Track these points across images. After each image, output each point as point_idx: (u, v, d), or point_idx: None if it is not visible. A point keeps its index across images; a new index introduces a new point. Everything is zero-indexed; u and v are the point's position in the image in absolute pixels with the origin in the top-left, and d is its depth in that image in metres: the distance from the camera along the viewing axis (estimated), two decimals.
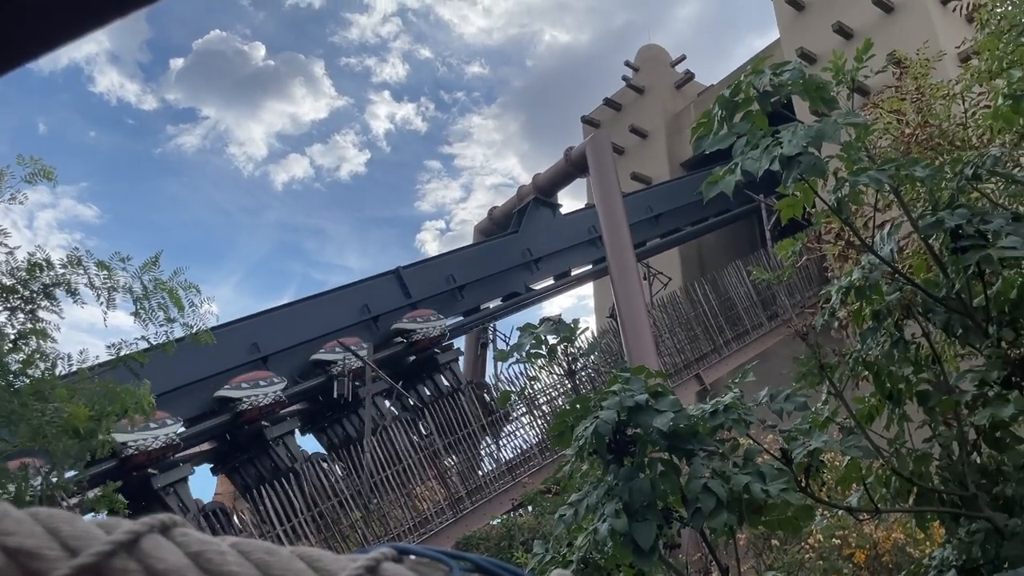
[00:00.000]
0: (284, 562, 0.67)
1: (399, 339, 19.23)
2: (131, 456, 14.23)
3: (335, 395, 17.62)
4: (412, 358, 19.72)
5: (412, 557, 0.73)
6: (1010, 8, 6.85)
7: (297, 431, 18.05)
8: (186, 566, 0.64)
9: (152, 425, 14.24)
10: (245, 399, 16.36)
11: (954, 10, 12.28)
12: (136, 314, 8.05)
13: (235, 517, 16.21)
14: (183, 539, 0.66)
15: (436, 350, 19.83)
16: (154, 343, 8.31)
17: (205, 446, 17.40)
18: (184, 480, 15.81)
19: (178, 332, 8.42)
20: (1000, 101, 4.07)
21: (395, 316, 19.54)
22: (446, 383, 19.93)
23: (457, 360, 20.81)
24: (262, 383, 16.77)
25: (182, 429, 15.62)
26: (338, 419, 18.44)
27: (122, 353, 8.16)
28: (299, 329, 18.11)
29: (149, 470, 14.71)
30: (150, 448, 14.42)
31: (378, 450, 17.10)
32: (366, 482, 16.49)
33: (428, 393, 19.86)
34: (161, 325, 8.22)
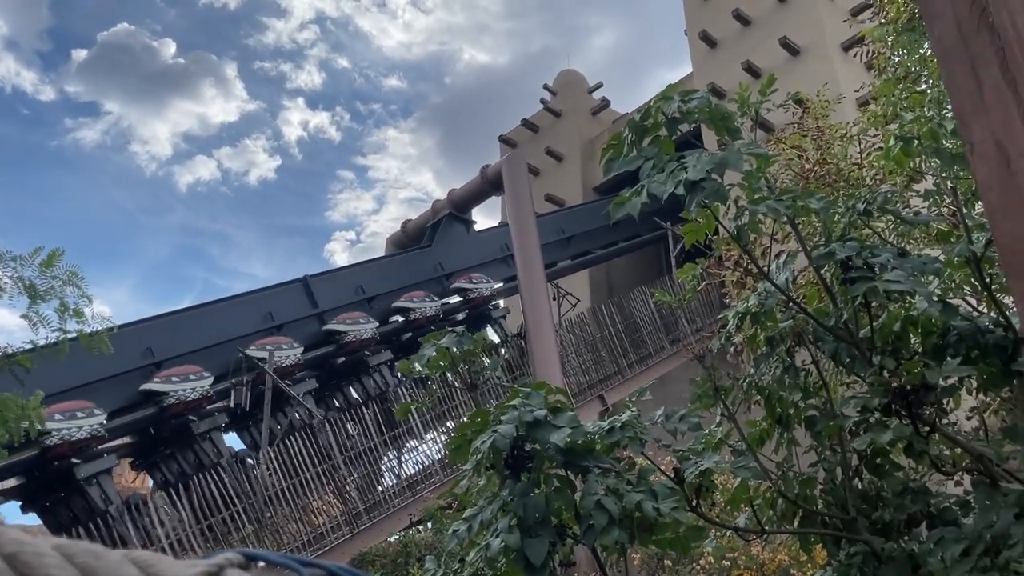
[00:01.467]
0: (113, 567, 0.61)
1: (456, 298, 22.01)
2: None
3: (231, 404, 17.04)
4: (465, 314, 22.22)
5: (261, 564, 0.69)
6: (905, 57, 7.27)
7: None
8: None
9: None
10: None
11: (855, 56, 12.96)
12: (26, 316, 7.55)
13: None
14: None
15: (489, 307, 22.64)
16: (42, 345, 7.82)
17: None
18: None
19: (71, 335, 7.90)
20: (892, 143, 4.28)
21: (300, 325, 19.11)
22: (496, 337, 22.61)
23: (505, 317, 23.21)
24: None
25: None
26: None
27: (7, 354, 7.65)
28: (198, 335, 17.45)
29: None
30: None
31: (274, 461, 16.61)
32: (260, 495, 15.99)
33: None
34: (55, 330, 7.72)
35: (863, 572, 4.06)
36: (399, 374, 19.55)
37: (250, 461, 17.05)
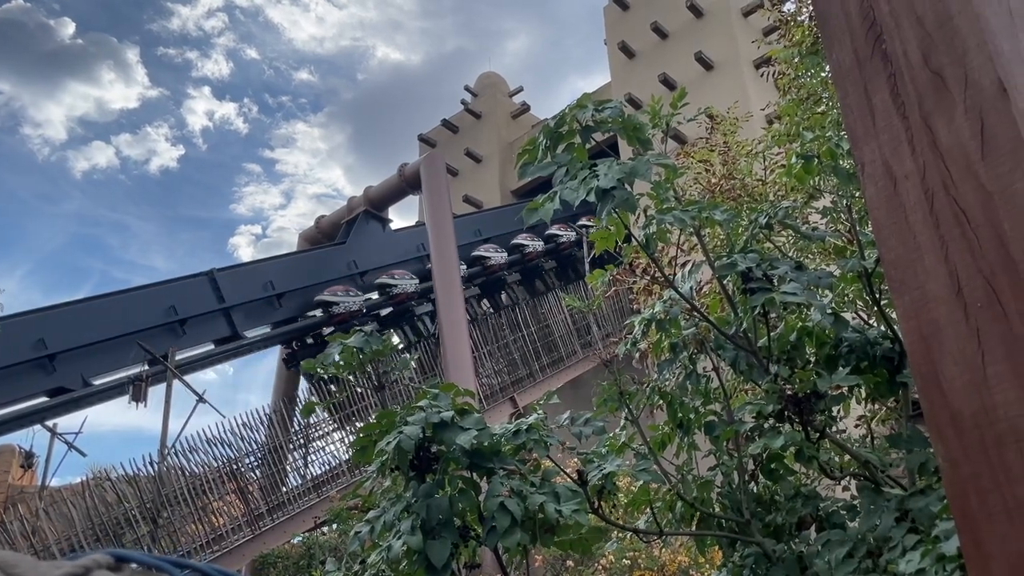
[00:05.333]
0: None
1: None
2: None
3: (129, 402, 16.40)
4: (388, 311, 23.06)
5: (133, 565, 0.67)
6: (808, 79, 7.60)
7: None
8: None
9: None
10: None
11: (762, 75, 13.44)
12: None
13: None
14: None
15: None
16: None
17: None
18: None
19: None
20: (793, 160, 4.45)
21: (205, 320, 18.53)
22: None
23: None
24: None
25: None
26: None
27: None
28: (95, 328, 16.67)
29: None
30: None
31: (179, 457, 16.05)
32: (157, 493, 15.41)
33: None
34: None
35: (755, 573, 4.21)
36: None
37: None
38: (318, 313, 20.76)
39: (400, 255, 23.34)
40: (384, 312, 22.30)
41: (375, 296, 22.17)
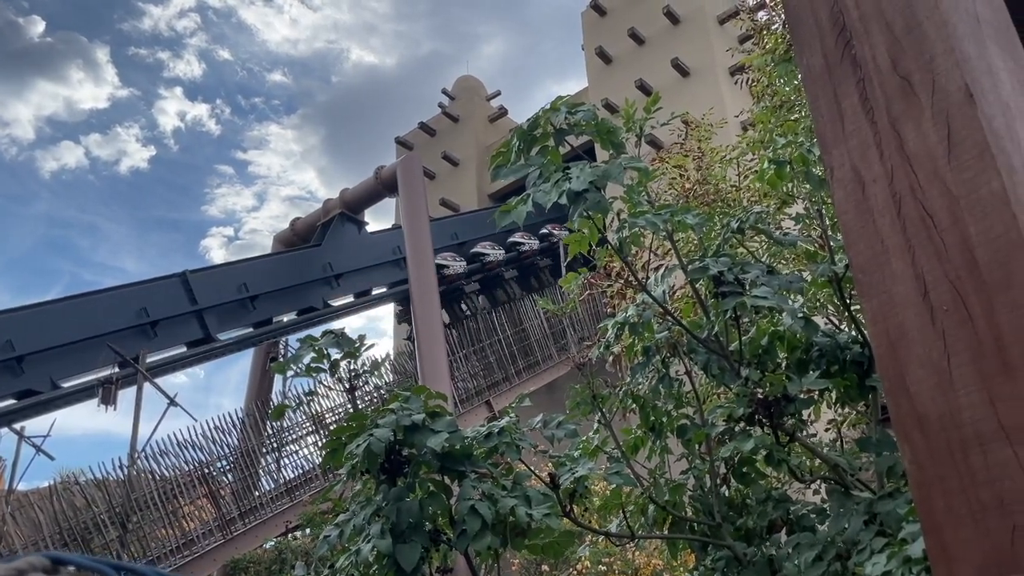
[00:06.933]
0: None
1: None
2: None
3: (98, 405, 16.15)
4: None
5: (70, 568, 0.64)
6: (781, 86, 7.66)
7: None
8: None
9: None
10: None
11: (736, 83, 13.55)
12: None
13: None
14: None
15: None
16: None
17: None
18: None
19: None
20: (765, 165, 4.47)
21: (177, 322, 18.29)
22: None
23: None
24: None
25: None
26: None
27: None
28: (65, 329, 16.39)
29: None
30: None
31: (149, 461, 15.84)
32: (127, 498, 15.19)
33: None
34: None
35: None
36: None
37: None
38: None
39: (375, 258, 23.25)
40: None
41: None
